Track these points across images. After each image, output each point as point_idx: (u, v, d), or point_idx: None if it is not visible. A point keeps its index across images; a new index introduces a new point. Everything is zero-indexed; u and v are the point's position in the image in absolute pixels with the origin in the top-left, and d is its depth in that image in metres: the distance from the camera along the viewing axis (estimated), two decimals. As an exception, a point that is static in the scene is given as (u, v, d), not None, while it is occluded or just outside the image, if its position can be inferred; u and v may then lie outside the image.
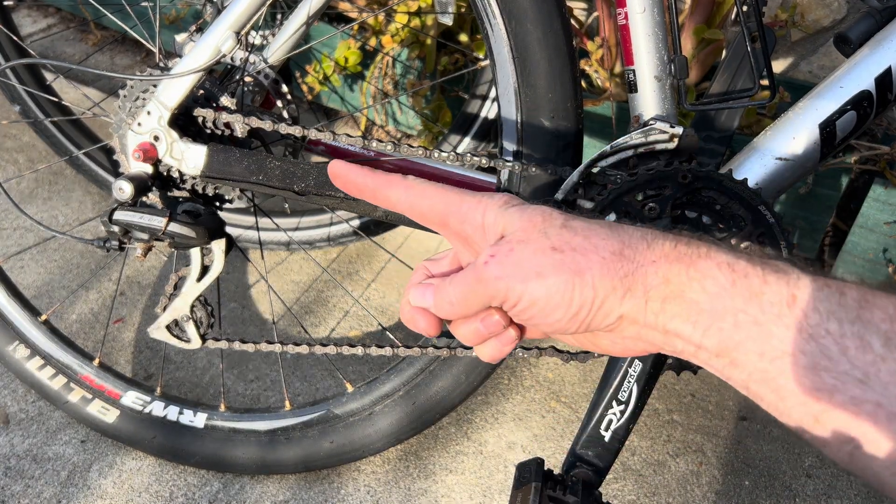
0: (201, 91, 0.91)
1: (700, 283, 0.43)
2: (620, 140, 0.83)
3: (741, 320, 0.42)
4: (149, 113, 0.86)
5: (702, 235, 0.46)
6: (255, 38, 1.24)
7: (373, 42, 1.71)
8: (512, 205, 0.48)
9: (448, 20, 1.49)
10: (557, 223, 0.46)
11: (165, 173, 0.90)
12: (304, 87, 1.86)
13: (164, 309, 0.98)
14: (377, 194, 0.53)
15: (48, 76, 1.65)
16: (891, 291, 0.41)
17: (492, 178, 1.17)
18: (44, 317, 1.15)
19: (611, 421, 0.82)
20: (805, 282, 0.42)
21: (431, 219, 0.51)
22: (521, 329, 0.52)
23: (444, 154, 0.87)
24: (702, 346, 0.44)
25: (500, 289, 0.46)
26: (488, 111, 1.50)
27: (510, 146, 0.89)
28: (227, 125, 0.90)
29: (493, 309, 0.49)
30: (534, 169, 0.86)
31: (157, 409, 1.13)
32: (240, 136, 0.90)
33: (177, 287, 0.97)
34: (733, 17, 1.49)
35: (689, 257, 0.44)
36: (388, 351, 0.97)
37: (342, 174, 0.53)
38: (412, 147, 0.88)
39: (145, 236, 0.87)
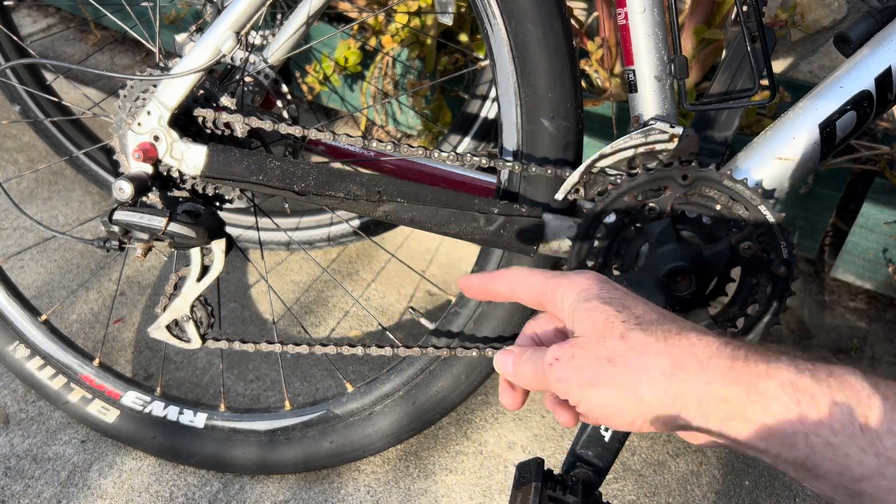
0: (201, 91, 0.91)
1: (763, 406, 0.43)
2: (620, 140, 0.83)
3: (814, 442, 0.42)
4: (149, 113, 0.86)
5: (761, 347, 0.45)
6: (255, 38, 1.24)
7: (373, 42, 1.71)
8: (586, 298, 0.50)
9: (448, 20, 1.49)
10: (616, 333, 0.47)
11: (165, 173, 0.90)
12: (304, 87, 1.86)
13: (164, 309, 0.97)
14: (491, 292, 0.58)
15: (48, 76, 1.65)
16: None
17: (492, 178, 1.17)
18: (44, 317, 1.15)
19: (611, 421, 0.82)
20: (875, 401, 0.41)
21: (531, 303, 0.56)
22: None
23: (443, 154, 0.87)
24: (779, 458, 0.44)
25: (561, 390, 0.49)
26: (488, 111, 1.50)
27: (510, 146, 0.89)
28: (227, 125, 0.90)
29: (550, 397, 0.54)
30: (534, 169, 0.86)
31: (157, 408, 1.13)
32: (240, 136, 0.90)
33: (177, 287, 0.97)
34: (733, 16, 1.49)
35: (749, 377, 0.44)
36: (388, 351, 0.97)
37: (467, 287, 0.60)
38: (412, 147, 0.88)
39: (145, 236, 0.87)
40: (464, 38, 1.68)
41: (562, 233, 0.87)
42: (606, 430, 0.78)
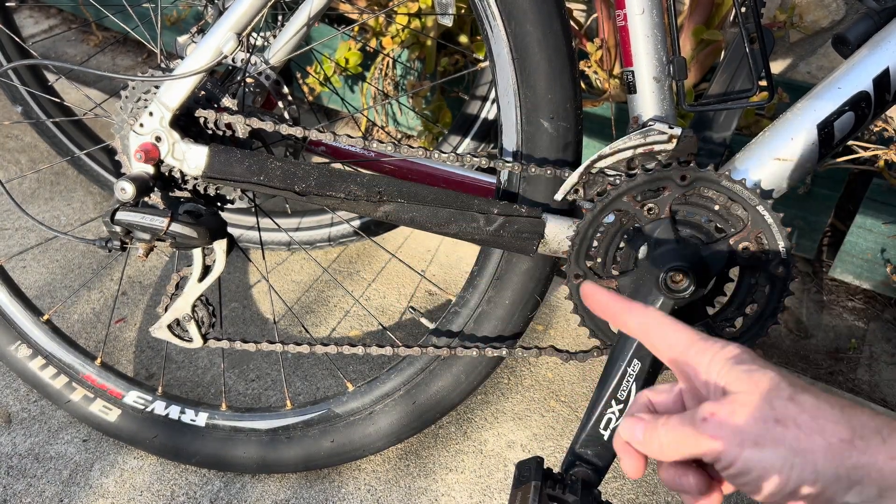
0: (203, 92, 0.91)
1: None
2: (619, 141, 0.83)
3: None
4: (150, 114, 0.87)
5: None
6: (257, 39, 1.24)
7: (373, 43, 1.71)
8: (741, 362, 0.47)
9: (448, 21, 1.49)
10: (785, 394, 0.44)
11: (167, 174, 0.90)
12: (305, 88, 1.87)
13: (166, 309, 0.98)
14: (617, 318, 0.55)
15: (50, 77, 1.66)
16: None
17: (492, 179, 1.18)
18: (46, 316, 1.15)
19: (610, 420, 0.82)
20: None
21: (662, 354, 0.52)
22: (720, 492, 0.51)
23: (443, 155, 0.87)
24: None
25: (714, 449, 0.45)
26: (488, 112, 1.50)
27: (510, 147, 0.89)
28: (229, 126, 0.90)
29: (691, 470, 0.49)
30: (533, 169, 0.86)
31: (159, 408, 1.13)
32: (241, 136, 0.91)
33: (178, 287, 0.97)
34: (732, 18, 1.50)
35: None
36: (388, 350, 0.97)
37: (591, 294, 0.57)
38: (412, 148, 0.89)
39: (147, 236, 0.88)
40: (464, 39, 1.69)
41: (561, 233, 0.87)
42: (606, 428, 0.78)
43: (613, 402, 0.82)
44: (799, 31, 1.60)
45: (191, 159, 0.88)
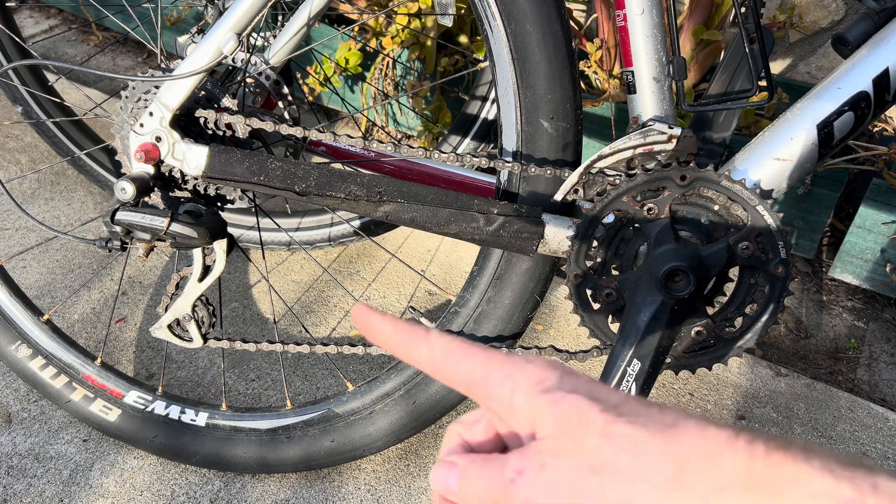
0: (203, 92, 0.91)
1: None
2: (619, 141, 0.84)
3: None
4: (151, 114, 0.87)
5: (781, 441, 0.35)
6: (257, 39, 1.24)
7: (373, 43, 1.71)
8: (545, 389, 0.39)
9: (448, 21, 1.50)
10: (597, 429, 0.36)
11: (167, 174, 0.90)
12: (305, 89, 1.87)
13: (166, 308, 0.98)
14: (397, 351, 0.45)
15: (50, 77, 1.66)
16: None
17: (491, 179, 1.18)
18: (46, 316, 1.16)
19: (610, 420, 0.82)
20: None
21: (456, 385, 0.43)
22: None
23: (443, 155, 0.87)
24: None
25: None
26: (488, 112, 1.50)
27: (510, 147, 0.89)
28: (229, 126, 0.90)
29: None
30: (533, 169, 0.86)
31: (159, 408, 1.13)
32: (241, 136, 0.91)
33: (178, 287, 0.97)
34: (732, 18, 1.50)
35: (772, 484, 0.34)
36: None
37: (363, 321, 0.45)
38: (412, 148, 0.89)
39: (147, 236, 0.88)
40: (464, 39, 1.69)
41: (561, 233, 0.87)
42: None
43: (613, 402, 0.82)
44: (798, 31, 1.60)
45: (191, 159, 0.88)
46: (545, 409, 0.38)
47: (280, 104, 1.13)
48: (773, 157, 0.82)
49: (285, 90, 1.14)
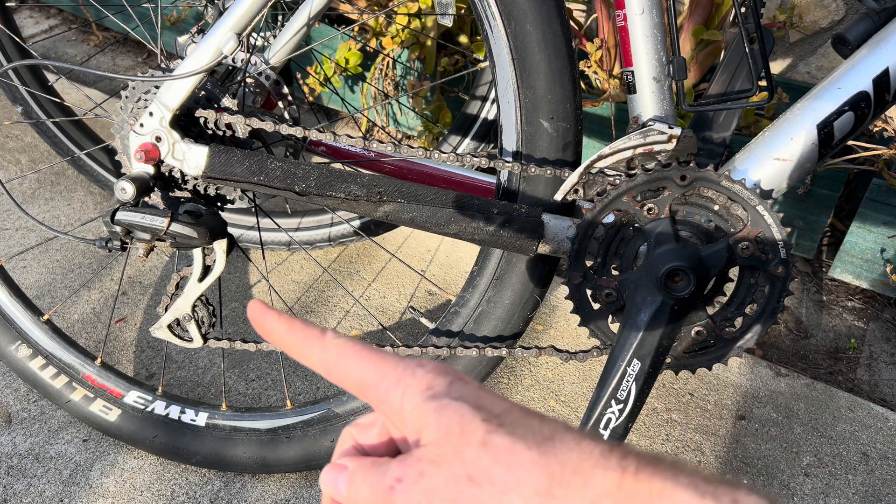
0: (203, 92, 0.91)
1: None
2: (619, 141, 0.84)
3: None
4: (151, 114, 0.87)
5: (652, 457, 0.37)
6: (257, 39, 1.24)
7: (373, 43, 1.71)
8: (433, 396, 0.39)
9: (448, 21, 1.50)
10: (477, 439, 0.37)
11: (167, 174, 0.90)
12: (305, 89, 1.87)
13: (166, 308, 0.98)
14: (293, 352, 0.44)
15: (50, 77, 1.66)
16: None
17: (492, 179, 1.18)
18: (46, 316, 1.16)
19: (609, 420, 0.83)
20: None
21: (349, 388, 0.43)
22: None
23: (443, 155, 0.87)
24: None
25: None
26: (488, 112, 1.50)
27: (510, 147, 0.89)
28: (229, 126, 0.90)
29: None
30: (533, 169, 0.86)
31: (159, 408, 1.13)
32: (241, 136, 0.91)
33: (179, 287, 0.97)
34: (732, 18, 1.50)
35: (641, 500, 0.35)
36: (387, 350, 0.97)
37: (259, 319, 0.44)
38: (412, 148, 0.89)
39: (147, 236, 0.88)
40: (464, 39, 1.69)
41: (561, 233, 0.88)
42: (605, 428, 0.78)
43: (613, 402, 0.82)
44: (798, 31, 1.60)
45: (191, 159, 0.88)
46: (430, 416, 0.38)
47: (280, 104, 1.13)
48: (773, 157, 0.82)
49: (285, 90, 1.14)
